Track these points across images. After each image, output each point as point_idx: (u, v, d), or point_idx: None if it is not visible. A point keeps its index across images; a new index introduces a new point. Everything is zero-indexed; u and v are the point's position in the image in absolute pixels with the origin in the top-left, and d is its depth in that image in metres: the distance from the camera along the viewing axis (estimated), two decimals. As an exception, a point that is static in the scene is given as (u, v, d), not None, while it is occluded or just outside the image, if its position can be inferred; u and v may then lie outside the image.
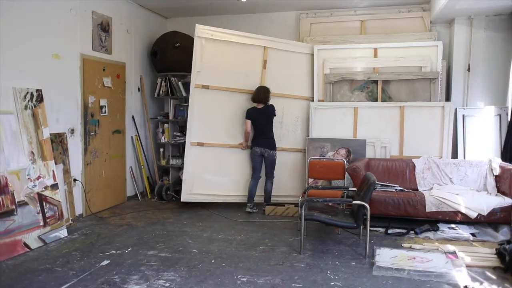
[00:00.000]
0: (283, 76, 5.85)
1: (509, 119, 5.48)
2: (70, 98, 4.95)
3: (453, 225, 4.54)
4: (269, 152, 5.43)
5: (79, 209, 5.11)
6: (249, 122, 5.47)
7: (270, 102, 5.50)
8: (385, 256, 3.71)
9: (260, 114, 5.44)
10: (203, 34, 5.53)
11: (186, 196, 5.56)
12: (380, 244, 4.07)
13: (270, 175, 5.53)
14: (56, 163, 4.51)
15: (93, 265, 3.57)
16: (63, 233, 4.38)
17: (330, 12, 6.47)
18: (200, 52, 5.54)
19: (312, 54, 5.89)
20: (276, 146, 5.54)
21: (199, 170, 5.61)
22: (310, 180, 5.43)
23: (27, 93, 4.22)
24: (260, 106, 5.45)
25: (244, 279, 3.29)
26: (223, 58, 5.66)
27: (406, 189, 5.00)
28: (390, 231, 4.49)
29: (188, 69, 6.36)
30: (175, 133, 6.61)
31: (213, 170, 5.66)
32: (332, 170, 5.17)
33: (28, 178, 4.10)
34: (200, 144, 5.63)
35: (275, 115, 5.49)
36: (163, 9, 6.75)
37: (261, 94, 5.41)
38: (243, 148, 5.67)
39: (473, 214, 4.38)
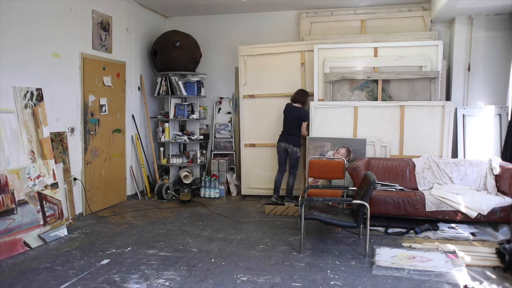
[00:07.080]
0: None
1: (509, 118, 5.48)
2: (70, 97, 4.95)
3: (453, 225, 4.55)
4: (292, 148, 5.66)
5: (79, 208, 5.11)
6: None
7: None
8: (385, 256, 3.71)
9: (292, 111, 5.72)
10: (244, 52, 6.32)
11: (245, 190, 6.45)
12: (380, 244, 4.07)
13: (292, 171, 5.76)
14: (56, 162, 4.51)
15: (93, 264, 3.58)
16: (63, 232, 4.38)
17: (331, 12, 6.48)
18: (244, 67, 6.35)
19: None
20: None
21: (253, 168, 6.41)
22: (310, 179, 5.44)
23: (27, 92, 4.22)
24: (296, 105, 5.72)
25: (244, 278, 3.29)
26: (264, 69, 6.31)
27: (406, 188, 5.00)
28: (390, 230, 4.49)
29: (188, 68, 6.37)
30: (175, 132, 6.62)
31: (265, 166, 6.36)
32: (332, 170, 5.17)
33: (28, 177, 4.10)
34: (252, 145, 6.41)
35: (305, 120, 5.68)
36: (163, 8, 6.74)
37: (297, 96, 5.76)
38: None
39: (473, 214, 4.38)
